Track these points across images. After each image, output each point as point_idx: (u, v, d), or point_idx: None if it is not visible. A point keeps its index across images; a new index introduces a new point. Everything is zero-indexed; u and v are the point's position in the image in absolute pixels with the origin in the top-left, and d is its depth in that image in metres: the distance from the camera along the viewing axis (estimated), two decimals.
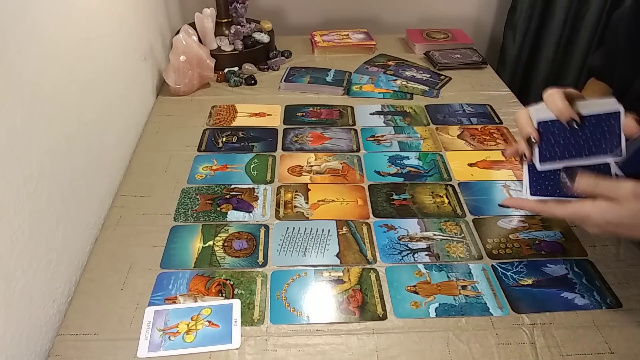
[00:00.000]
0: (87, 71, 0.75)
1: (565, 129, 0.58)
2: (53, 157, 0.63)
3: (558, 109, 0.57)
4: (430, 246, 0.72)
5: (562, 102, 0.57)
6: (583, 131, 0.57)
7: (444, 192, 0.82)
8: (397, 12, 1.50)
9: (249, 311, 0.62)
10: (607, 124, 0.56)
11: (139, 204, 0.79)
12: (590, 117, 0.57)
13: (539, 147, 0.60)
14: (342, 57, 1.29)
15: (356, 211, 0.78)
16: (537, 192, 0.60)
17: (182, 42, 1.03)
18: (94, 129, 0.77)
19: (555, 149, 0.59)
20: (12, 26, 0.55)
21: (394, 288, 0.66)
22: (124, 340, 0.59)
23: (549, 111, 0.59)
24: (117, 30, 0.89)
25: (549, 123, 0.59)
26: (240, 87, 1.14)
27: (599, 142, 0.57)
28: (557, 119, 0.58)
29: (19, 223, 0.55)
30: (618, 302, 0.64)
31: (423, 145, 0.94)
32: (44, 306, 0.60)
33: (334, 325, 0.61)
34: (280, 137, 0.96)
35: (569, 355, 0.58)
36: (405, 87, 1.15)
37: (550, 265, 0.69)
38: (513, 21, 1.43)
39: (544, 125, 0.59)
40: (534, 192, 0.60)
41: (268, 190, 0.82)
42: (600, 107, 0.57)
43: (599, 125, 0.57)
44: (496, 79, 1.21)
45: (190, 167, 0.87)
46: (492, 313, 0.63)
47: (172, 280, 0.66)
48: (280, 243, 0.72)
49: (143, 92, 1.02)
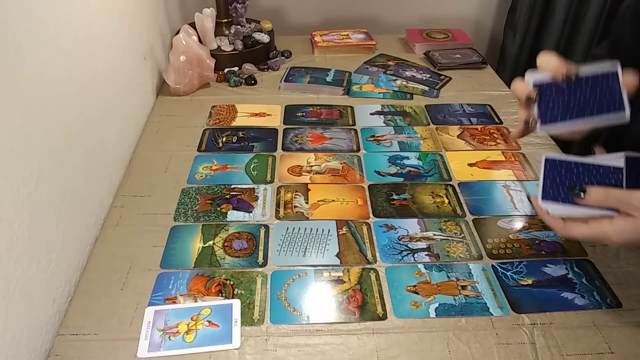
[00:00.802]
0: (87, 71, 0.75)
1: (563, 90, 0.57)
2: (53, 157, 0.63)
3: (553, 66, 0.56)
4: (430, 246, 0.72)
5: (556, 60, 0.56)
6: (582, 92, 0.56)
7: (444, 192, 0.82)
8: (397, 12, 1.50)
9: (249, 311, 0.62)
10: (606, 83, 0.55)
11: (139, 204, 0.79)
12: (588, 78, 0.56)
13: (538, 109, 0.58)
14: (342, 57, 1.29)
15: (356, 211, 0.78)
16: (548, 197, 0.58)
17: (182, 42, 1.03)
18: (94, 129, 0.77)
19: (555, 110, 0.57)
20: (12, 26, 0.55)
21: (394, 288, 0.66)
22: (124, 340, 0.59)
23: (545, 74, 0.58)
24: (117, 30, 0.89)
25: (545, 86, 0.58)
26: (240, 87, 1.14)
27: (600, 102, 0.55)
28: (553, 80, 0.57)
29: (19, 223, 0.55)
30: (618, 302, 0.64)
31: (423, 145, 0.94)
32: (44, 306, 0.60)
33: (334, 325, 0.61)
34: (280, 137, 0.96)
35: (569, 355, 0.58)
36: (405, 87, 1.15)
37: (550, 265, 0.69)
38: (513, 21, 1.43)
39: (541, 88, 0.58)
40: (545, 197, 0.58)
41: (268, 190, 0.82)
42: (597, 68, 0.56)
43: (598, 85, 0.56)
44: (496, 79, 1.21)
45: (190, 167, 0.87)
46: (492, 313, 0.63)
47: (172, 280, 0.66)
48: (280, 243, 0.72)
49: (143, 92, 1.02)
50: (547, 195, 0.58)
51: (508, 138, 0.97)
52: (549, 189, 0.58)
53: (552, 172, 0.59)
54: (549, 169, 0.59)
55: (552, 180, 0.58)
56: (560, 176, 0.58)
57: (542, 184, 0.59)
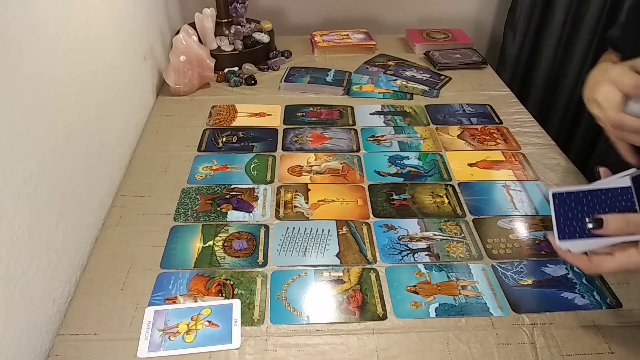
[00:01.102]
0: (87, 71, 0.75)
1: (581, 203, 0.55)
2: (53, 157, 0.63)
3: None
4: (430, 246, 0.72)
5: None
6: None
7: (444, 192, 0.82)
8: (397, 12, 1.50)
9: (249, 311, 0.62)
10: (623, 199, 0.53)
11: (139, 204, 0.79)
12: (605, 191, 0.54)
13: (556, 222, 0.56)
14: (342, 57, 1.29)
15: (356, 211, 0.78)
16: (565, 235, 0.56)
17: (182, 42, 1.03)
18: (94, 129, 0.77)
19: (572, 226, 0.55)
20: (12, 26, 0.55)
21: (394, 288, 0.66)
22: (124, 340, 0.59)
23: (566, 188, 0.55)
24: (117, 30, 0.89)
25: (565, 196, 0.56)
26: (240, 87, 1.14)
27: None
28: None
29: (19, 223, 0.55)
30: (618, 302, 0.64)
31: (423, 145, 0.94)
32: (44, 306, 0.60)
33: (334, 325, 0.61)
34: (280, 137, 0.96)
35: (569, 355, 0.58)
36: (405, 87, 1.15)
37: (550, 265, 0.69)
38: (513, 21, 1.43)
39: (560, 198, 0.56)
40: (562, 236, 0.56)
41: (268, 190, 0.82)
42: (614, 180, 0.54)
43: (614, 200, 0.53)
44: (496, 79, 1.21)
45: (190, 167, 0.87)
46: (492, 313, 0.63)
47: (172, 280, 0.66)
48: (280, 243, 0.72)
49: (143, 92, 1.02)
50: (564, 234, 0.56)
51: (508, 138, 0.97)
52: (563, 227, 0.56)
53: (562, 207, 0.56)
54: (558, 205, 0.56)
55: (564, 217, 0.56)
56: (571, 210, 0.55)
57: (556, 223, 0.56)
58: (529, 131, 0.99)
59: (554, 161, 0.91)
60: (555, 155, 0.93)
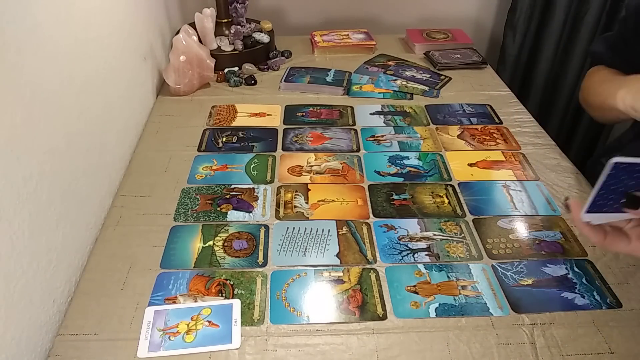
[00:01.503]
0: (87, 71, 0.75)
1: None
2: (53, 157, 0.63)
3: None
4: (430, 246, 0.72)
5: None
6: None
7: (444, 192, 0.82)
8: (397, 12, 1.50)
9: (249, 311, 0.62)
10: None
11: (139, 204, 0.79)
12: None
13: None
14: (342, 57, 1.29)
15: (356, 211, 0.78)
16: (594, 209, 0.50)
17: (182, 42, 1.03)
18: (94, 129, 0.77)
19: None
20: (12, 26, 0.55)
21: (394, 288, 0.66)
22: (124, 340, 0.59)
23: None
24: (117, 30, 0.89)
25: None
26: (240, 87, 1.14)
27: None
28: None
29: (19, 223, 0.55)
30: (618, 302, 0.64)
31: (423, 145, 0.94)
32: (44, 306, 0.60)
33: (334, 325, 0.61)
34: (280, 137, 0.96)
35: (569, 355, 0.58)
36: (405, 87, 1.15)
37: (550, 265, 0.69)
38: (513, 21, 1.43)
39: None
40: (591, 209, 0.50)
41: (268, 190, 0.82)
42: None
43: None
44: (496, 79, 1.21)
45: (190, 167, 0.87)
46: (492, 313, 0.63)
47: (172, 280, 0.66)
48: (280, 243, 0.72)
49: (143, 92, 1.02)
50: (594, 207, 0.49)
51: (508, 138, 0.97)
52: (599, 200, 0.49)
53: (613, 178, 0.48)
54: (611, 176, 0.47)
55: (606, 189, 0.48)
56: (619, 183, 0.48)
57: (596, 195, 0.48)
58: (529, 131, 0.99)
59: (554, 161, 0.91)
60: (555, 155, 0.93)
